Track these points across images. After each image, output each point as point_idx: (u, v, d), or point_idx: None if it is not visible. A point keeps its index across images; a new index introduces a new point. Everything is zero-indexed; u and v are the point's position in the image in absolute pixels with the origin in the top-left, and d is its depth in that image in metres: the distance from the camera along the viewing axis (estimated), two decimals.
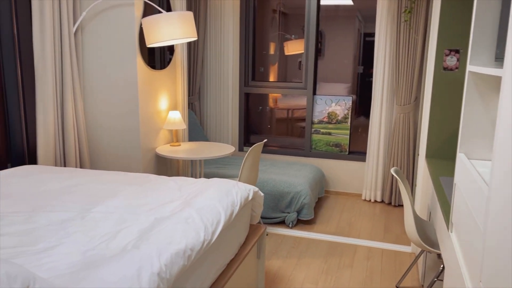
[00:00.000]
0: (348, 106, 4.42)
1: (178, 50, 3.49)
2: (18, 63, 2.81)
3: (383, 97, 4.12)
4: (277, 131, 6.17)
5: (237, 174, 3.83)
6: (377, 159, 4.21)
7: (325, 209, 4.09)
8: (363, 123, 5.85)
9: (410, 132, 4.03)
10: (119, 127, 3.11)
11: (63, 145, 2.94)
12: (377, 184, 4.26)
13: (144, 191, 2.23)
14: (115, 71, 3.05)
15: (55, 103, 2.85)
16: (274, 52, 6.18)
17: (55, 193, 2.15)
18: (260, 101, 5.83)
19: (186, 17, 2.83)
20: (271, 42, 6.00)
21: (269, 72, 6.03)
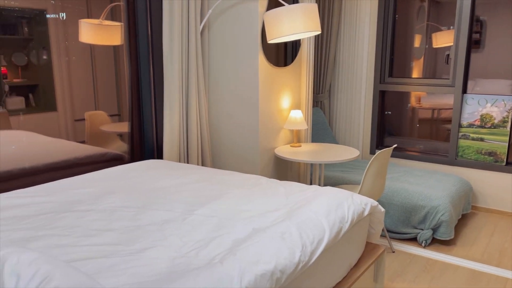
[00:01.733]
0: (508, 108, 3.66)
1: (304, 45, 3.30)
2: (151, 62, 2.97)
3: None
4: (419, 133, 5.52)
5: None
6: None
7: (469, 229, 3.46)
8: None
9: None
10: (239, 125, 3.07)
11: (187, 141, 3.02)
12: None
13: (251, 195, 2.11)
14: (237, 69, 3.01)
15: (181, 101, 2.93)
16: (419, 45, 5.53)
17: (166, 190, 2.18)
18: (400, 99, 5.29)
19: (310, 9, 2.62)
20: (416, 34, 5.38)
21: (411, 67, 5.42)
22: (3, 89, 4.93)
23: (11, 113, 4.79)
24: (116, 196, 2.08)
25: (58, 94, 5.12)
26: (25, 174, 2.50)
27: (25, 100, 5.19)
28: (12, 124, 4.67)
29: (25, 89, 5.22)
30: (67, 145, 3.25)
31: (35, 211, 1.86)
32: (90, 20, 3.46)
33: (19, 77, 5.19)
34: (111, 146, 4.07)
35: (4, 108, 4.90)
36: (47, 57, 5.14)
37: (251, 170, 3.08)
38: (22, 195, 2.05)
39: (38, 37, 5.12)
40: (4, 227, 1.70)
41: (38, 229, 1.68)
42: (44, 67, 5.12)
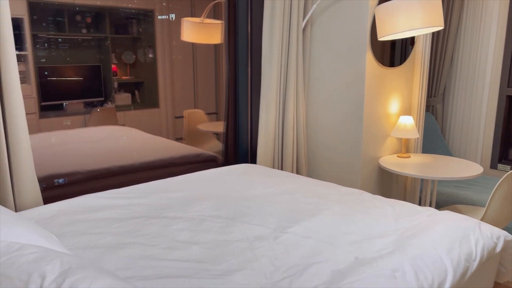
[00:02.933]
0: None
1: (419, 43, 2.92)
2: (249, 61, 2.84)
3: None
4: None
5: (483, 200, 2.99)
6: None
7: None
8: None
9: None
10: (340, 130, 2.80)
11: (282, 146, 2.84)
12: None
13: (352, 214, 1.85)
14: (341, 69, 2.74)
15: (278, 102, 2.75)
16: None
17: (258, 200, 2.01)
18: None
19: (432, 1, 2.26)
20: None
21: None
22: (113, 85, 5.23)
23: (118, 109, 5.06)
24: (206, 203, 1.97)
25: (160, 91, 5.30)
26: (122, 172, 2.53)
27: (131, 97, 5.46)
28: (118, 119, 4.92)
29: (132, 86, 5.50)
30: (164, 143, 3.28)
31: (127, 215, 1.82)
32: (192, 18, 3.45)
33: (127, 75, 5.48)
34: (207, 145, 4.06)
35: (112, 103, 5.20)
36: (152, 56, 5.35)
37: (350, 181, 2.79)
38: (116, 195, 2.04)
39: (145, 36, 5.34)
40: (96, 229, 1.66)
41: (126, 236, 1.61)
42: (149, 65, 5.33)
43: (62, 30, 4.80)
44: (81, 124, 4.78)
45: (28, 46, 4.26)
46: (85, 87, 4.96)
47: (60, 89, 4.72)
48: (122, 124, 4.83)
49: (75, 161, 2.48)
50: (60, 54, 4.85)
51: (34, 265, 0.90)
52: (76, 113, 4.79)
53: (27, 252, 0.96)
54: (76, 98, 4.91)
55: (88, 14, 4.94)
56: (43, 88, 4.52)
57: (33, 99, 4.36)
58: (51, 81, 4.62)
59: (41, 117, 4.45)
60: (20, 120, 1.76)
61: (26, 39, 4.25)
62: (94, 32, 5.05)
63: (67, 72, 4.81)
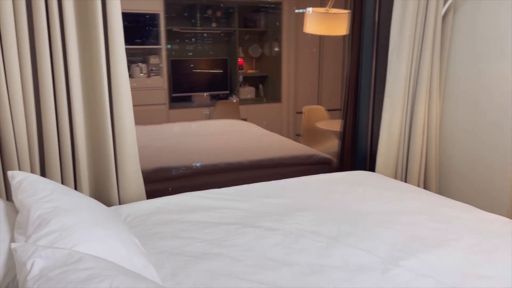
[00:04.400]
0: None
1: None
2: (374, 54, 2.50)
3: None
4: None
5: None
6: None
7: None
8: None
9: None
10: (483, 140, 2.29)
11: (407, 154, 2.45)
12: None
13: (492, 250, 1.44)
14: (489, 65, 2.23)
15: (406, 103, 2.37)
16: None
17: (371, 218, 1.71)
18: None
19: None
20: None
21: None
22: (238, 79, 5.29)
23: (242, 102, 5.09)
24: (308, 214, 1.74)
25: (284, 85, 5.20)
26: (229, 169, 2.44)
27: (255, 91, 5.46)
28: (241, 112, 4.95)
29: (257, 79, 5.50)
30: (279, 141, 3.12)
31: (222, 219, 1.70)
32: (316, 8, 3.21)
33: (253, 68, 5.49)
34: (325, 144, 3.81)
35: (237, 97, 5.26)
36: (278, 49, 5.26)
37: (494, 206, 2.27)
38: (215, 195, 1.94)
39: (272, 30, 5.28)
40: (187, 232, 1.58)
41: (215, 244, 1.48)
42: (274, 58, 5.26)
43: (194, 24, 5.00)
44: (206, 116, 4.94)
45: (162, 40, 4.52)
46: (212, 80, 5.11)
47: (189, 81, 4.93)
48: (244, 118, 4.86)
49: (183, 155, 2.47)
50: (190, 48, 5.07)
51: (79, 286, 0.79)
52: (203, 105, 4.96)
53: (82, 267, 0.87)
54: (203, 90, 5.09)
55: (218, 9, 5.07)
56: (174, 80, 4.78)
57: (164, 91, 4.63)
58: (181, 74, 4.85)
59: (170, 108, 4.71)
60: (127, 113, 1.76)
61: (161, 34, 4.52)
62: (223, 26, 5.16)
63: (196, 65, 5.00)
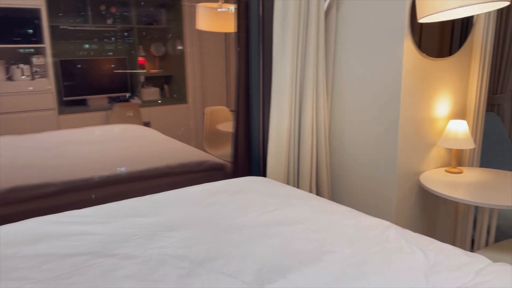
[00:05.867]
0: None
1: (478, 27, 2.27)
2: (261, 51, 2.36)
3: None
4: None
5: None
6: None
7: None
8: None
9: None
10: (370, 138, 2.25)
11: (298, 156, 2.34)
12: None
13: (367, 261, 1.33)
14: (372, 61, 2.18)
15: (293, 101, 2.26)
16: None
17: (246, 233, 1.55)
18: None
19: None
20: None
21: None
22: (139, 79, 4.95)
23: (145, 104, 4.76)
24: (178, 234, 1.54)
25: (189, 85, 4.95)
26: (105, 183, 2.16)
27: (160, 91, 5.15)
28: (143, 115, 4.62)
29: (161, 79, 5.19)
30: (172, 148, 2.88)
31: (69, 249, 1.43)
32: (208, 4, 3.01)
33: (156, 68, 5.18)
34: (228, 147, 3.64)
35: (139, 99, 4.92)
36: (182, 47, 5.00)
37: (383, 204, 2.24)
38: (73, 219, 1.66)
39: (175, 26, 5.01)
40: (19, 271, 1.29)
41: (51, 284, 1.22)
42: (178, 57, 5.00)
43: (85, 21, 4.58)
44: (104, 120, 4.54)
45: (46, 39, 4.06)
46: (110, 81, 4.71)
47: (83, 83, 4.50)
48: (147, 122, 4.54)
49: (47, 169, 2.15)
50: (83, 47, 4.64)
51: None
52: (100, 109, 4.56)
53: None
54: (100, 92, 4.67)
55: (112, 4, 4.68)
56: (65, 83, 4.33)
57: (52, 95, 4.17)
58: (73, 75, 4.41)
59: (60, 113, 4.26)
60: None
61: (43, 31, 4.05)
62: (120, 22, 4.79)
63: (91, 65, 4.57)
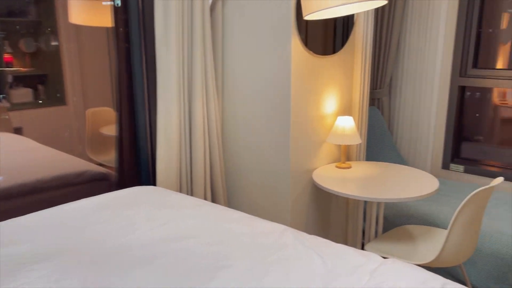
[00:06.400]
0: None
1: (359, 25, 2.35)
2: (143, 48, 2.16)
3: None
4: (503, 139, 4.38)
5: (437, 213, 2.51)
6: None
7: None
8: None
9: None
10: (263, 137, 2.20)
11: (190, 161, 2.20)
12: None
13: (264, 273, 1.25)
14: (261, 58, 2.13)
15: (181, 101, 2.11)
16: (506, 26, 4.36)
17: (131, 255, 1.36)
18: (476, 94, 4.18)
19: None
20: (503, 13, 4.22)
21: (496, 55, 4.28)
22: (6, 79, 4.33)
23: (15, 107, 4.18)
24: (46, 266, 1.30)
25: (68, 85, 4.47)
26: None
27: (33, 92, 4.57)
28: (14, 120, 4.05)
29: (34, 79, 4.61)
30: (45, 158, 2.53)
31: None
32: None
33: (27, 66, 4.58)
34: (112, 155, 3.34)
35: (7, 101, 4.30)
36: (57, 43, 4.49)
37: (279, 203, 2.21)
38: None
39: (47, 20, 4.47)
40: None
41: None
42: (53, 54, 4.48)
43: None
44: None
45: None
46: None
47: None
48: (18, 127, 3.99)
49: None
50: None
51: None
52: None
53: None
54: None
55: None
56: None
57: None
58: None
59: None
60: None
61: None
62: None
63: None
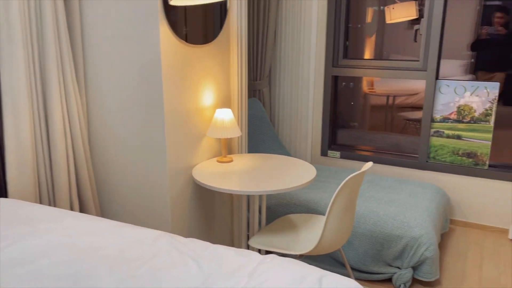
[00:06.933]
0: (492, 97, 2.92)
1: (232, 14, 2.28)
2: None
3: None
4: (373, 125, 4.75)
5: (317, 200, 2.59)
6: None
7: (453, 257, 2.70)
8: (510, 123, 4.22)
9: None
10: (135, 135, 2.02)
11: (50, 166, 1.92)
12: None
13: (138, 284, 1.10)
14: (128, 48, 1.93)
15: (34, 100, 1.81)
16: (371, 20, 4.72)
17: None
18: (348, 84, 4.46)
19: None
20: (368, 8, 4.55)
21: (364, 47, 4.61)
22: None
23: None
24: None
25: None
26: None
27: None
28: None
29: None
30: None
31: None
32: None
33: None
34: None
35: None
36: None
37: (157, 205, 2.05)
38: None
39: None
40: None
41: None
42: None
43: None
44: None
45: None
46: None
47: None
48: None
49: None
50: None
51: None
52: None
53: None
54: None
55: None
56: None
57: None
58: None
59: None
60: None
61: None
62: None
63: None
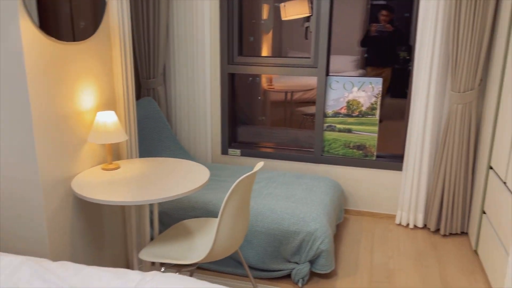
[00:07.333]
0: (377, 92, 3.10)
1: (112, 9, 2.10)
2: None
3: (431, 79, 2.79)
4: (273, 121, 4.83)
5: (216, 200, 2.53)
6: (420, 167, 2.93)
7: (347, 247, 2.82)
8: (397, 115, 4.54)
9: (472, 130, 2.74)
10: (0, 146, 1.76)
11: None
12: (418, 203, 3.00)
13: None
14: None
15: None
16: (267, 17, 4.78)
17: None
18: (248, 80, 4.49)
19: None
20: (264, 4, 4.60)
21: (261, 44, 4.65)
22: None
23: None
24: None
25: None
26: None
27: None
28: None
29: None
30: None
31: None
32: None
33: None
34: None
35: None
36: None
37: (30, 225, 1.81)
38: None
39: None
40: None
41: None
42: None
43: None
44: None
45: None
46: None
47: None
48: None
49: None
50: None
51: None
52: None
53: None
54: None
55: None
56: None
57: None
58: None
59: None
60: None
61: None
62: None
63: None
